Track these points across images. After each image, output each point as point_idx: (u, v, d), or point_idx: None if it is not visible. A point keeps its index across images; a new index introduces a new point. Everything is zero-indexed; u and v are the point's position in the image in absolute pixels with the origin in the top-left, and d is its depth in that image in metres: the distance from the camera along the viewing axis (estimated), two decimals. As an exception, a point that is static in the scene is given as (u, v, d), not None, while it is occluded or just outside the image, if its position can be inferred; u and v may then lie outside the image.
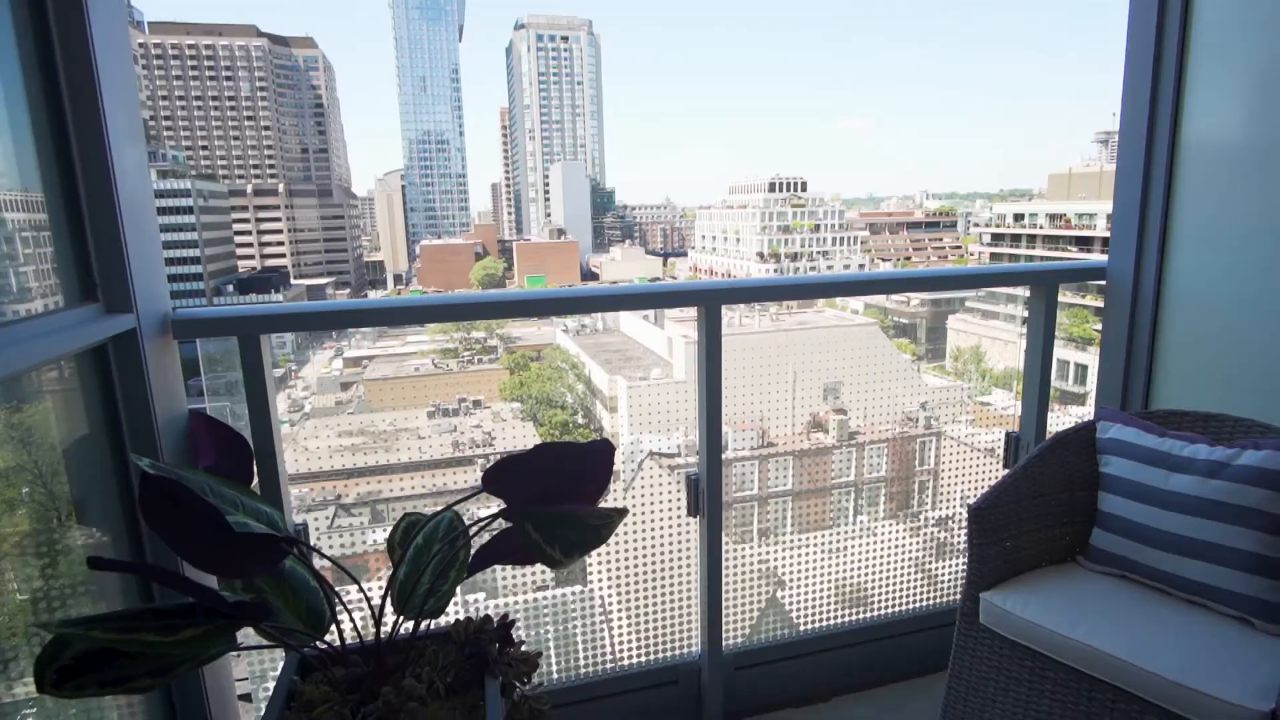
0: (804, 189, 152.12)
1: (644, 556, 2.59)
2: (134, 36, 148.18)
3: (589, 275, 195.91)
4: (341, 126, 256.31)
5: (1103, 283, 2.90)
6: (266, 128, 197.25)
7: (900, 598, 3.45)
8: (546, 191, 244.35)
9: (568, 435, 55.28)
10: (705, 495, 2.51)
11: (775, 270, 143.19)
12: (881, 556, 3.46)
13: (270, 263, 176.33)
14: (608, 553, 2.86)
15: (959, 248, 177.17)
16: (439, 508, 1.64)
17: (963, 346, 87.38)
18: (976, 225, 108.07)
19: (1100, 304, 2.97)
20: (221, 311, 2.06)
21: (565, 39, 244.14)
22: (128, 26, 1.70)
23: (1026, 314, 3.03)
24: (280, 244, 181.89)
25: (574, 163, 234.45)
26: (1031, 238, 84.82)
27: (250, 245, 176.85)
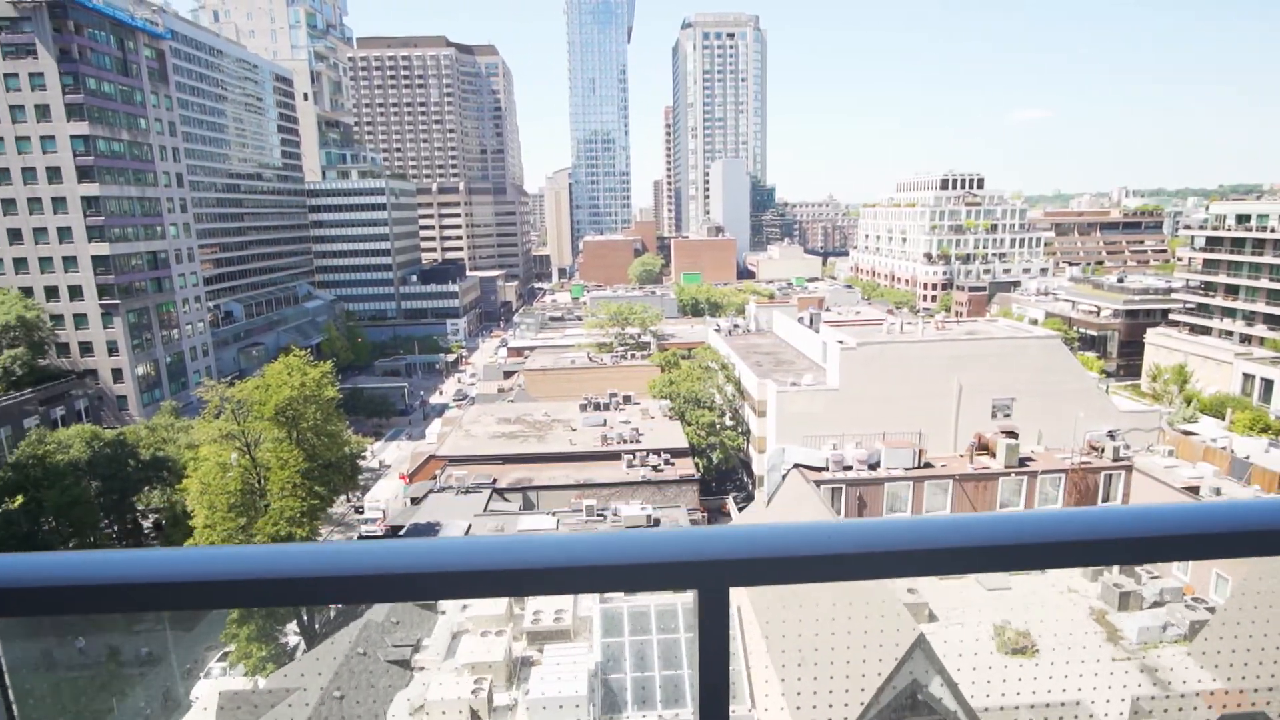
0: (980, 185, 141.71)
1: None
2: (343, 51, 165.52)
3: (745, 273, 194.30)
4: (517, 128, 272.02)
5: None
6: (451, 130, 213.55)
7: (1071, 653, 2.89)
8: (706, 189, 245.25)
9: (713, 436, 54.55)
10: None
11: (945, 273, 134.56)
12: (1052, 601, 2.90)
13: (449, 256, 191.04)
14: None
15: (1163, 251, 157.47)
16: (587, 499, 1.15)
17: (1163, 364, 77.35)
18: (1188, 227, 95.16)
19: None
20: None
21: (731, 35, 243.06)
22: None
23: None
24: (459, 238, 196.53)
25: (735, 160, 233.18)
26: (1259, 243, 73.48)
27: (433, 239, 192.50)
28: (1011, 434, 35.23)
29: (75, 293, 71.90)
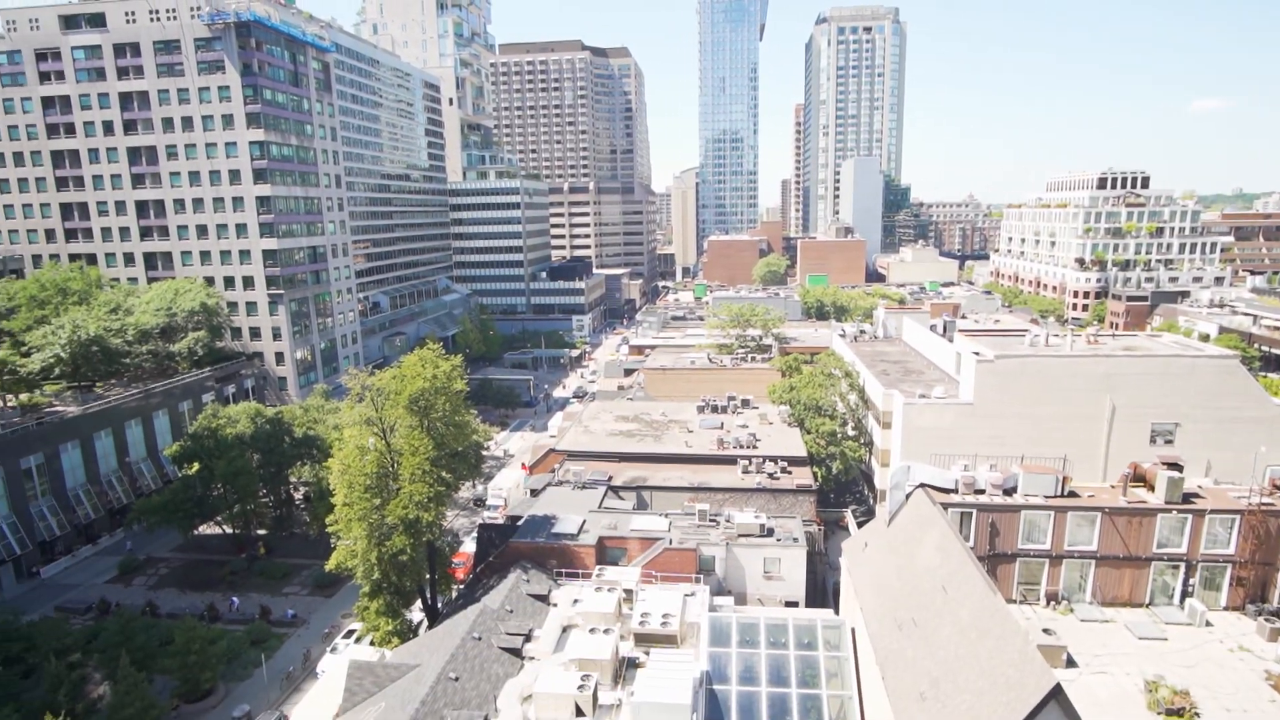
0: (1144, 185, 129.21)
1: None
2: (485, 58, 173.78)
3: (874, 276, 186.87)
4: (646, 128, 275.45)
5: None
6: (583, 131, 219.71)
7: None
8: (836, 188, 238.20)
9: (834, 446, 52.76)
10: None
11: (1099, 280, 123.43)
12: (1217, 658, 2.45)
13: (577, 253, 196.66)
14: None
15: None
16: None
17: (1371, 390, 67.18)
18: None
19: None
20: None
21: (868, 29, 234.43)
22: None
23: None
24: (587, 236, 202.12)
25: (867, 158, 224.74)
26: None
27: (563, 237, 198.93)
28: (1174, 465, 31.39)
29: (248, 283, 79.98)
